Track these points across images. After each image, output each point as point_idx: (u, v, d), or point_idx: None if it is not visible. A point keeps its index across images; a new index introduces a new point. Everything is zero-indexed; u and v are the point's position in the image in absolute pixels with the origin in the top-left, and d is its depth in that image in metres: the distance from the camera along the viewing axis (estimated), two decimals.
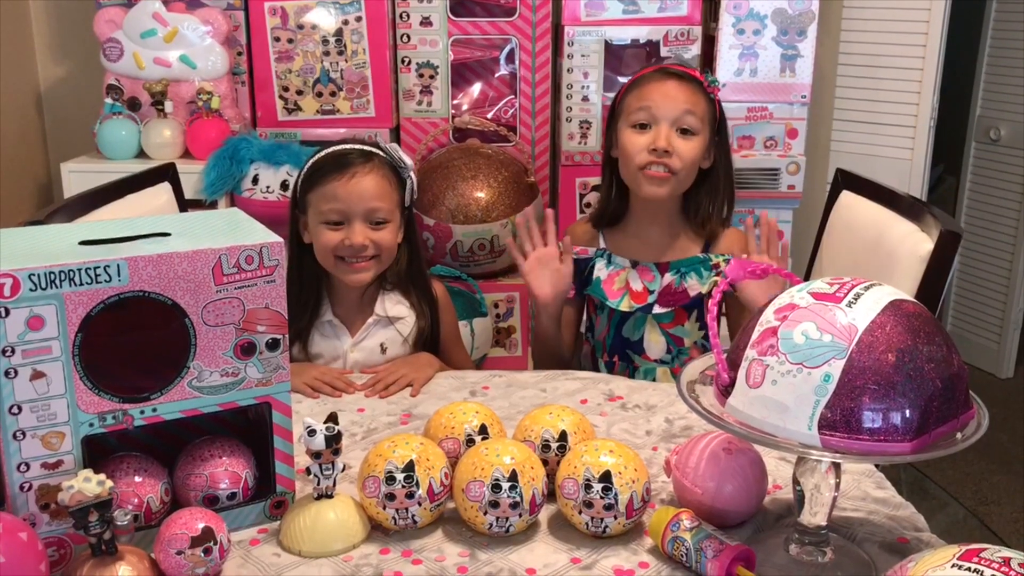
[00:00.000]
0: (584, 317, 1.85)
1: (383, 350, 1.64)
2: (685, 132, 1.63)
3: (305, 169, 1.62)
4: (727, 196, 1.73)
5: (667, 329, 1.72)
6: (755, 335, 0.93)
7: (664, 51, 2.41)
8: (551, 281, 1.66)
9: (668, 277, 1.69)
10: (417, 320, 1.66)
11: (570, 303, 1.78)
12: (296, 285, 1.61)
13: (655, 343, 1.72)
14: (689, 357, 1.71)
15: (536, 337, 1.75)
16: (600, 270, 1.73)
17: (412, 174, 1.64)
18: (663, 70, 1.68)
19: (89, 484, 0.88)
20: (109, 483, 0.90)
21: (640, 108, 1.64)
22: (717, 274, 1.68)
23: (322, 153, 1.62)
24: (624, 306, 1.70)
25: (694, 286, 1.68)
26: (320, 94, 2.42)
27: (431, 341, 1.69)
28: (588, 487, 1.01)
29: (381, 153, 1.62)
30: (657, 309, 1.69)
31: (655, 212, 1.70)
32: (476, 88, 2.53)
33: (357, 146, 1.62)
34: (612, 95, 2.43)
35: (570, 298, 1.76)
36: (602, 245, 1.75)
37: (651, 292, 1.69)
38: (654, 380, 1.72)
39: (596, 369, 1.79)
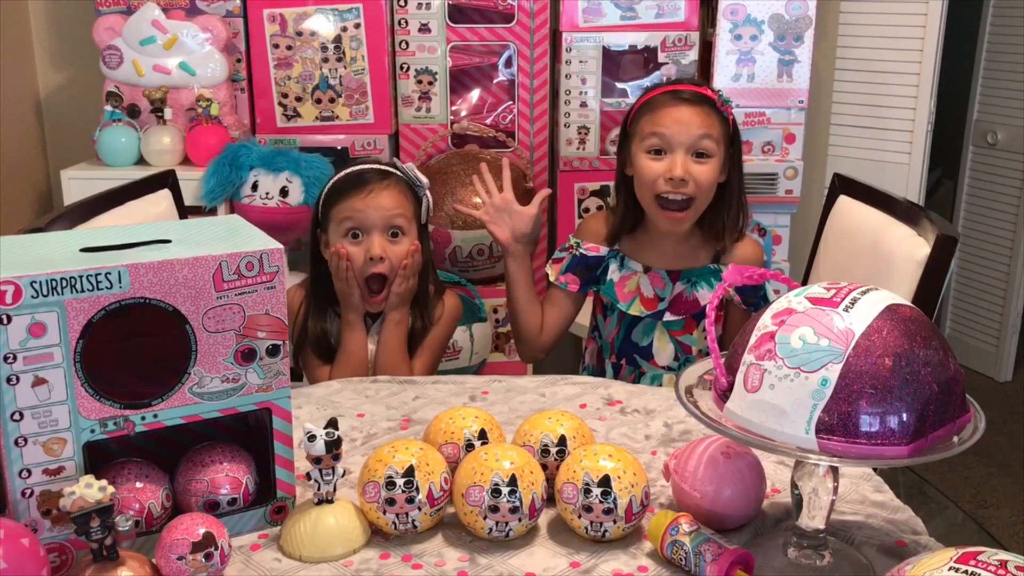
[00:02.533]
0: (591, 317, 1.85)
1: None
2: (701, 155, 1.62)
3: (325, 190, 1.70)
4: (740, 208, 1.72)
5: (676, 336, 1.73)
6: (753, 340, 0.93)
7: (662, 56, 2.42)
8: (509, 224, 1.77)
9: (679, 286, 1.70)
10: (413, 321, 1.73)
11: (570, 295, 1.78)
12: (324, 296, 1.71)
13: (663, 350, 1.73)
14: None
15: (508, 294, 1.80)
16: (613, 272, 1.74)
17: (428, 192, 1.71)
18: (675, 93, 1.65)
19: (90, 490, 0.89)
20: (110, 489, 0.90)
21: (653, 134, 1.63)
22: None
23: (341, 173, 1.70)
24: (634, 310, 1.71)
25: (704, 296, 1.68)
26: (319, 100, 2.43)
27: (412, 344, 1.75)
28: (587, 491, 1.02)
29: (398, 172, 1.70)
30: (668, 317, 1.69)
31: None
32: (475, 94, 2.54)
33: (375, 166, 1.71)
34: (610, 101, 2.46)
35: (573, 291, 1.76)
36: (615, 247, 1.76)
37: (662, 300, 1.70)
38: (660, 386, 1.72)
39: (601, 369, 1.80)
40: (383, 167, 1.70)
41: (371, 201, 1.63)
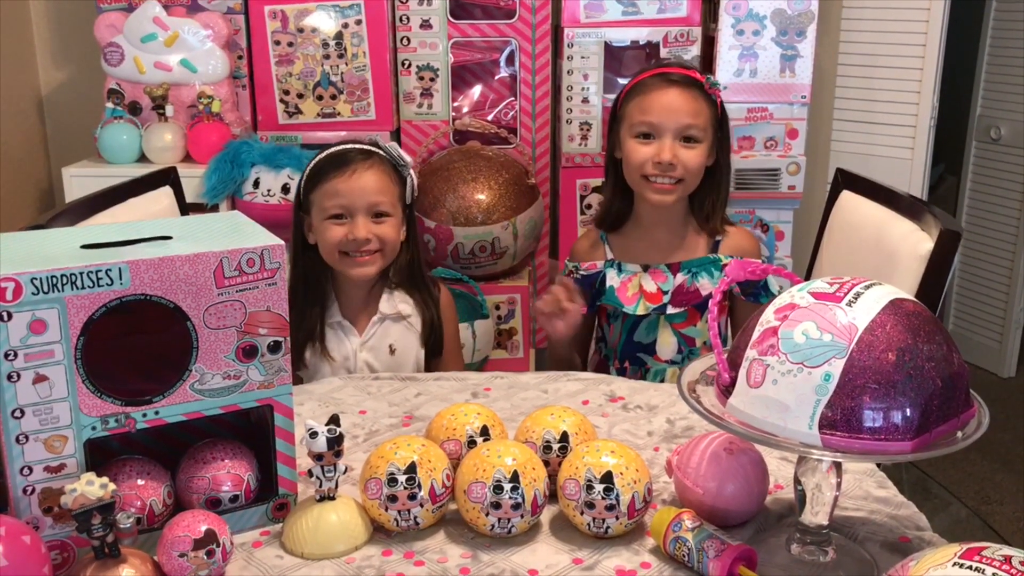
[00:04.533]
0: (596, 329, 1.85)
1: (392, 351, 1.67)
2: (688, 140, 1.63)
3: (307, 171, 1.65)
4: (728, 192, 1.74)
5: (679, 329, 1.72)
6: (755, 335, 0.93)
7: (664, 52, 2.41)
8: (563, 320, 1.64)
9: (680, 277, 1.70)
10: (423, 318, 1.69)
11: (584, 317, 1.78)
12: (302, 286, 1.66)
13: (667, 344, 1.73)
14: (699, 357, 1.71)
15: (550, 356, 1.78)
16: (612, 279, 1.72)
17: (412, 172, 1.67)
18: (664, 76, 1.67)
19: (92, 487, 0.89)
20: (112, 486, 0.90)
21: (642, 120, 1.64)
22: None
23: (323, 154, 1.65)
24: (641, 310, 1.70)
25: (705, 286, 1.68)
26: (320, 97, 2.43)
27: (436, 341, 1.71)
28: (590, 488, 1.01)
29: (380, 152, 1.65)
30: (671, 309, 1.69)
31: (661, 213, 1.70)
32: (476, 90, 2.54)
33: (356, 145, 1.66)
34: (612, 96, 2.44)
35: (583, 313, 1.76)
36: (609, 256, 1.75)
37: (665, 293, 1.70)
38: (663, 381, 1.72)
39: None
40: (365, 146, 1.65)
41: (355, 183, 1.59)
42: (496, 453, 1.04)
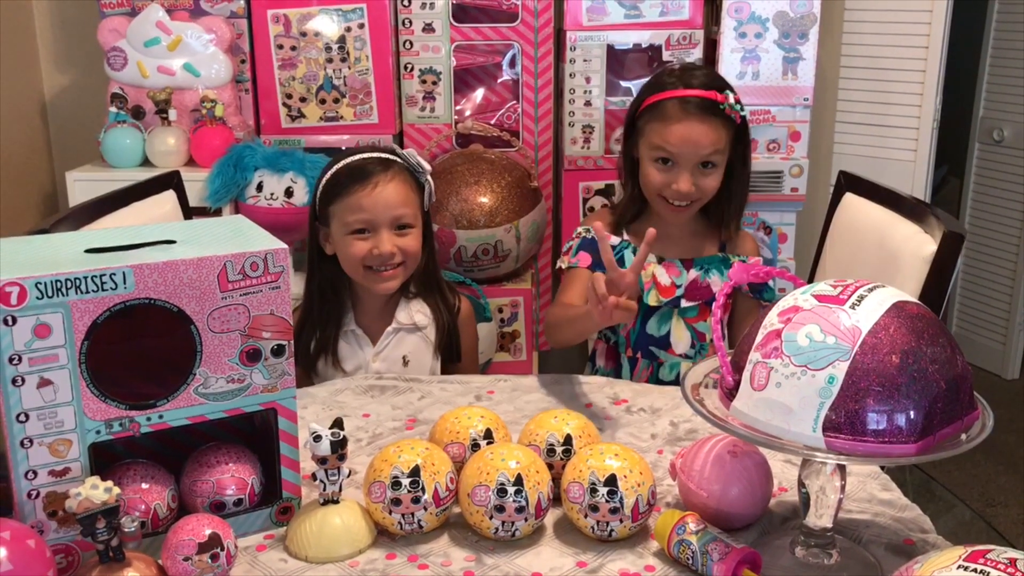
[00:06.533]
0: None
1: (405, 362, 1.66)
2: (707, 165, 1.66)
3: (324, 181, 1.61)
4: (745, 200, 1.77)
5: (692, 324, 1.75)
6: (759, 338, 0.93)
7: (666, 55, 2.41)
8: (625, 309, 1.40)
9: (693, 272, 1.73)
10: (437, 325, 1.67)
11: (585, 273, 1.76)
12: (318, 296, 1.64)
13: (680, 338, 1.75)
14: (711, 353, 1.73)
15: (578, 326, 1.57)
16: (628, 261, 1.74)
17: (429, 178, 1.64)
18: (684, 103, 1.62)
19: (96, 491, 0.89)
20: (116, 490, 0.90)
21: (661, 145, 1.65)
22: None
23: (340, 164, 1.61)
24: (651, 300, 1.72)
25: (716, 283, 1.73)
26: (323, 101, 2.43)
27: (451, 348, 1.69)
28: (593, 491, 1.01)
29: (398, 160, 1.62)
30: (684, 303, 1.72)
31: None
32: (479, 94, 2.54)
33: (374, 154, 1.62)
34: (615, 99, 2.45)
35: (587, 267, 1.74)
36: (625, 237, 1.77)
37: (678, 287, 1.72)
38: (678, 375, 1.73)
39: (616, 366, 1.79)
40: (383, 155, 1.62)
41: (377, 197, 1.55)
42: (500, 456, 1.04)
